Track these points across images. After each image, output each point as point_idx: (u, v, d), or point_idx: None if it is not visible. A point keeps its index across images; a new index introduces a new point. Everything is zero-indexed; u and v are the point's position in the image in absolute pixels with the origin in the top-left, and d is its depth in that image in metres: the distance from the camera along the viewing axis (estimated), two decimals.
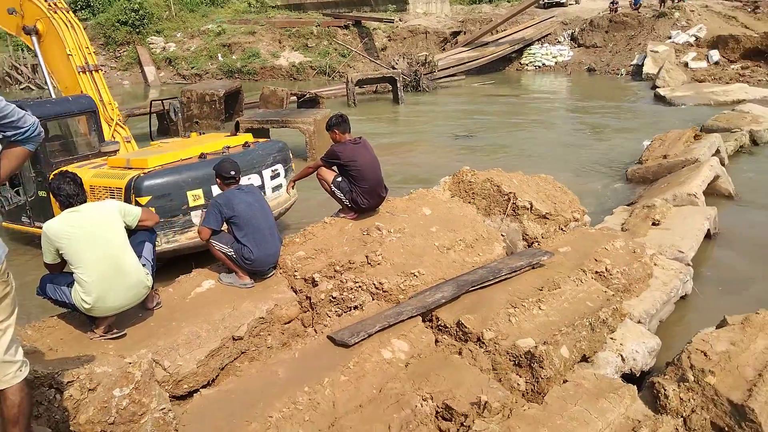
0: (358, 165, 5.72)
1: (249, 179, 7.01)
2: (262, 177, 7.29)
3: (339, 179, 5.85)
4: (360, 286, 4.90)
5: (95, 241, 4.03)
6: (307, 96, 17.97)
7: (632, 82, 22.23)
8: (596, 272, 5.31)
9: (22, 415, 2.79)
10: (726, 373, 3.81)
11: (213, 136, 9.23)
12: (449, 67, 24.92)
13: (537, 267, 5.32)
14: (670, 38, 23.86)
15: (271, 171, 7.45)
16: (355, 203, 5.81)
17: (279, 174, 7.55)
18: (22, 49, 27.25)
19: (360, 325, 4.38)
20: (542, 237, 6.24)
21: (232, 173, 5.21)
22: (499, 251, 5.81)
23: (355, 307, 4.80)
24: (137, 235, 4.44)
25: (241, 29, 30.40)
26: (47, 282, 4.22)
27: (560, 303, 4.68)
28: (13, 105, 2.76)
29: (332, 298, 4.95)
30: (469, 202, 6.57)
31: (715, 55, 21.98)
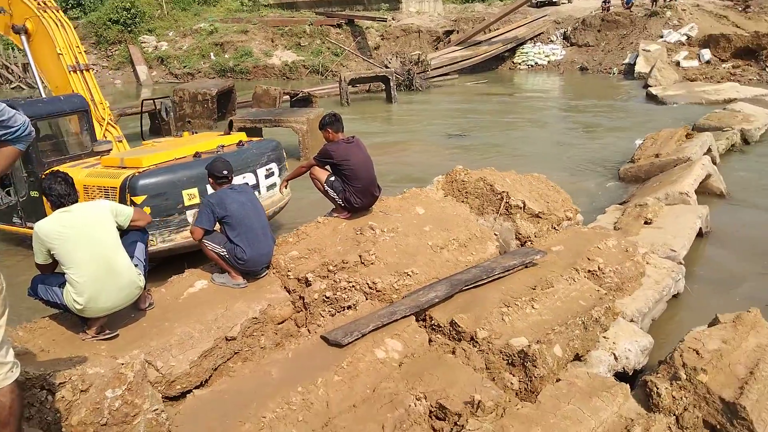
0: (351, 164, 5.71)
1: (244, 178, 7.01)
2: (256, 176, 7.29)
3: (332, 178, 5.84)
4: (353, 286, 4.90)
5: (87, 241, 4.00)
6: (300, 95, 17.96)
7: (624, 81, 22.30)
8: (589, 271, 5.33)
9: (13, 417, 2.77)
10: (718, 371, 3.83)
11: (206, 135, 9.20)
12: (442, 66, 24.94)
13: (530, 266, 5.33)
14: (661, 37, 23.97)
15: (266, 170, 7.44)
16: (348, 202, 5.80)
17: (273, 173, 7.55)
18: (13, 48, 27.07)
19: (353, 324, 4.38)
20: (535, 236, 6.25)
21: (225, 173, 5.19)
22: (492, 250, 5.82)
23: (349, 307, 4.79)
24: (129, 235, 4.42)
25: (234, 28, 30.31)
26: (39, 283, 4.18)
27: (553, 302, 4.69)
28: (4, 104, 2.73)
29: (325, 297, 4.95)
30: (463, 202, 6.58)
31: (707, 54, 22.09)
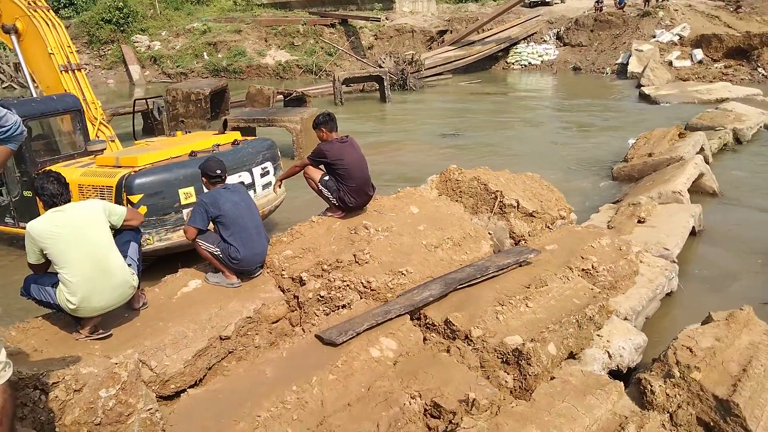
0: (345, 164, 5.71)
1: (239, 177, 7.01)
2: (252, 175, 7.29)
3: (326, 178, 5.83)
4: (348, 285, 4.89)
5: (80, 240, 3.99)
6: (294, 95, 17.94)
7: (617, 80, 22.37)
8: (583, 270, 5.34)
9: (5, 417, 2.76)
10: (711, 368, 3.85)
11: (199, 134, 9.18)
12: (436, 66, 24.96)
13: (524, 265, 5.34)
14: (654, 37, 24.07)
15: (261, 168, 7.44)
16: (342, 202, 5.79)
17: (269, 172, 7.55)
18: (4, 48, 26.89)
19: (348, 323, 4.38)
20: (529, 235, 6.27)
21: (218, 172, 5.18)
22: (487, 249, 5.83)
23: (343, 306, 4.79)
24: (122, 234, 4.40)
25: (227, 28, 30.23)
26: (31, 282, 4.17)
27: (547, 300, 4.70)
28: None
29: (320, 297, 4.94)
30: (457, 201, 6.58)
31: (699, 54, 22.20)
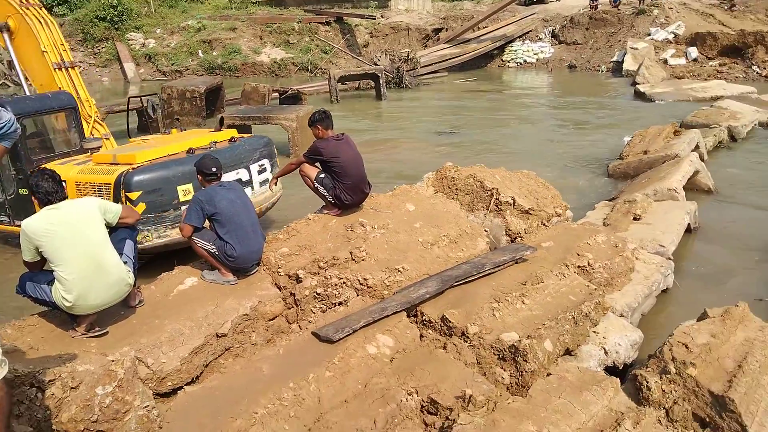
0: (341, 161, 5.71)
1: (237, 174, 7.01)
2: (249, 171, 7.28)
3: (322, 175, 5.83)
4: (344, 282, 4.90)
5: (75, 238, 3.98)
6: (290, 92, 17.88)
7: (612, 78, 22.40)
8: (579, 266, 5.35)
9: (1, 414, 2.75)
10: (707, 364, 3.86)
11: (194, 132, 9.15)
12: (431, 64, 24.93)
13: (520, 262, 5.35)
14: (649, 35, 24.10)
15: (259, 166, 7.43)
16: (338, 199, 5.79)
17: (266, 169, 7.54)
18: None
19: (344, 320, 4.38)
20: (525, 232, 6.28)
21: (213, 170, 5.17)
22: (483, 246, 5.84)
23: (340, 303, 4.79)
24: (118, 232, 4.40)
25: (222, 25, 30.12)
26: (27, 280, 4.16)
27: (543, 297, 4.71)
28: None
29: (316, 294, 4.94)
30: (453, 198, 6.59)
31: (694, 52, 22.25)
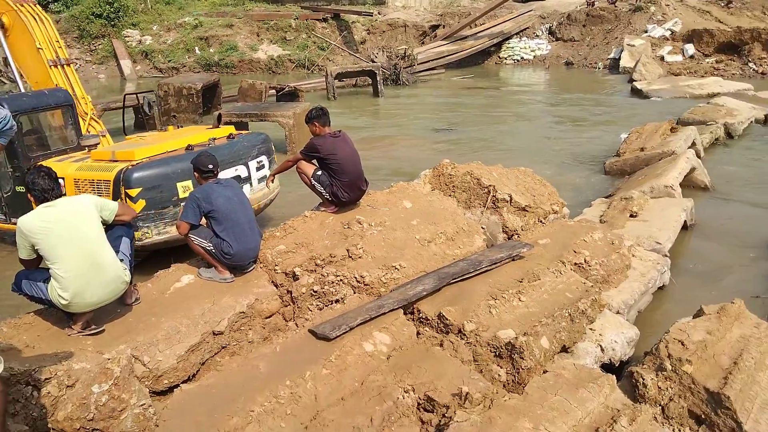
0: (338, 158, 5.70)
1: (236, 170, 7.01)
2: (248, 168, 7.28)
3: (319, 173, 5.82)
4: (341, 280, 4.89)
5: (71, 236, 3.97)
6: (287, 89, 17.86)
7: (609, 75, 22.39)
8: (575, 264, 5.36)
9: None
10: (702, 361, 3.87)
11: (191, 129, 9.13)
12: (429, 61, 24.88)
13: (517, 259, 5.35)
14: (646, 32, 24.09)
15: (257, 162, 7.43)
16: (335, 197, 5.78)
17: (264, 165, 7.54)
18: None
19: (341, 318, 4.38)
20: (522, 229, 6.28)
21: (210, 167, 5.16)
22: (480, 244, 5.84)
23: (337, 301, 4.79)
24: (114, 230, 4.39)
25: (219, 22, 30.03)
26: (23, 278, 4.15)
27: (540, 294, 4.72)
28: None
29: (313, 291, 4.94)
30: (450, 195, 6.59)
31: (690, 48, 22.25)
